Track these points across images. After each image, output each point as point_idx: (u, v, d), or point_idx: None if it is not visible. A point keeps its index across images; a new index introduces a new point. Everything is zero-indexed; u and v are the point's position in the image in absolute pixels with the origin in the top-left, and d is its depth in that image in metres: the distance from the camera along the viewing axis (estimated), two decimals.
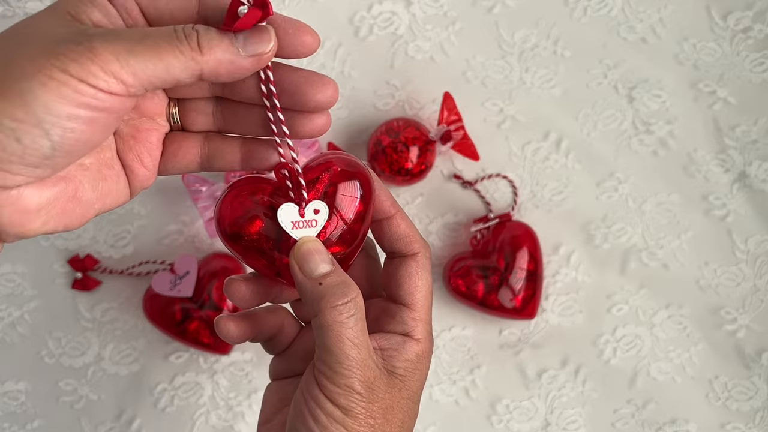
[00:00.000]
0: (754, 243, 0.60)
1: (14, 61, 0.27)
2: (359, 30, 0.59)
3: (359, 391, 0.34)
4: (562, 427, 0.60)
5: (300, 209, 0.34)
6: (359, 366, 0.33)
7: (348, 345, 0.33)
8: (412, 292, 0.37)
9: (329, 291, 0.33)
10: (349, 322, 0.33)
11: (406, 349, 0.36)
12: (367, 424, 0.34)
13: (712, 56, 0.59)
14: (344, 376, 0.33)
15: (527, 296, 0.56)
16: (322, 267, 0.34)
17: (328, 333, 0.33)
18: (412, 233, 0.38)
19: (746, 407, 0.60)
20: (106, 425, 0.59)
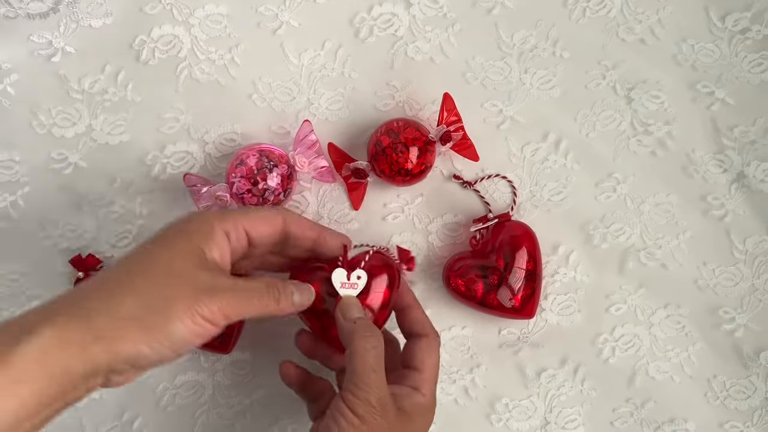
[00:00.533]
0: (752, 243, 0.60)
1: (172, 302, 0.39)
2: (359, 31, 0.59)
3: (374, 405, 0.44)
4: (561, 425, 0.60)
5: (347, 274, 0.49)
6: (376, 385, 0.45)
7: (369, 368, 0.45)
8: (422, 360, 0.49)
9: (360, 328, 0.46)
10: (372, 351, 0.45)
11: (413, 396, 0.48)
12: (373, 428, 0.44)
13: (710, 57, 0.60)
14: (364, 391, 0.44)
15: (526, 296, 0.57)
16: (357, 313, 0.48)
17: (355, 358, 0.45)
18: (426, 320, 0.52)
19: (744, 406, 0.60)
20: (108, 424, 0.60)
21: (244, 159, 0.55)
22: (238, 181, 0.55)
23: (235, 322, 0.42)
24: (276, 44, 0.59)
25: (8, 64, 0.57)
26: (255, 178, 0.55)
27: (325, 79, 0.59)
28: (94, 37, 0.58)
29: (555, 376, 0.60)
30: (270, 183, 0.55)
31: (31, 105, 0.58)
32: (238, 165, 0.55)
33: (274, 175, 0.55)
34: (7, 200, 0.58)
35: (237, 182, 0.55)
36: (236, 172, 0.55)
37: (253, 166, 0.55)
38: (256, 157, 0.55)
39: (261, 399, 0.60)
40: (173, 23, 0.58)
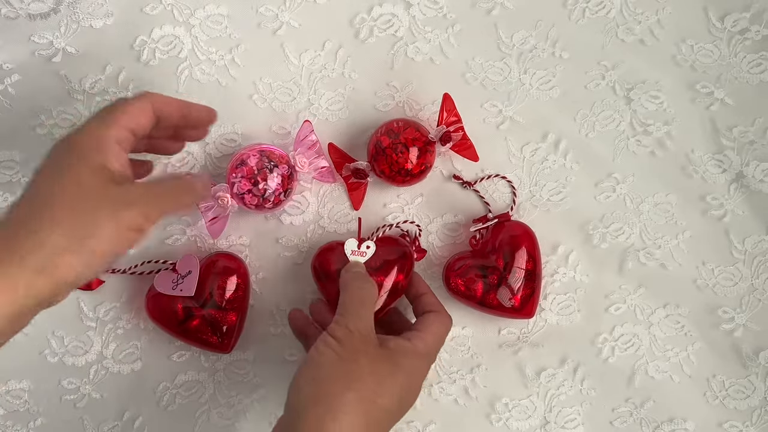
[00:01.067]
0: (751, 243, 0.60)
1: (97, 223, 0.41)
2: (359, 32, 0.59)
3: (352, 331, 0.47)
4: (560, 425, 0.61)
5: (358, 243, 0.56)
6: (359, 316, 0.48)
7: (357, 300, 0.49)
8: (426, 325, 0.52)
9: (357, 275, 0.52)
10: (364, 289, 0.51)
11: (400, 341, 0.49)
12: (350, 355, 0.46)
13: (709, 57, 0.60)
14: (346, 318, 0.48)
15: (526, 295, 0.57)
16: (359, 267, 0.54)
17: (345, 292, 0.50)
18: (439, 303, 0.55)
19: (743, 406, 0.61)
20: (109, 423, 0.60)
21: (245, 159, 0.55)
22: (238, 181, 0.55)
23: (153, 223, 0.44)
24: (276, 45, 0.59)
25: (9, 64, 0.58)
26: (255, 179, 0.55)
27: (325, 80, 0.59)
28: (94, 37, 0.58)
29: (554, 375, 0.60)
30: (270, 183, 0.55)
31: (32, 105, 0.58)
32: (238, 165, 0.55)
33: (274, 176, 0.55)
34: (8, 200, 0.58)
35: (237, 182, 0.55)
36: (237, 173, 0.55)
37: (254, 167, 0.55)
38: (257, 157, 0.55)
39: (261, 398, 0.60)
40: (174, 24, 0.58)
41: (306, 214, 0.60)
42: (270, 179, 0.55)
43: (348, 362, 0.46)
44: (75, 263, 0.40)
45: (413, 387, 0.49)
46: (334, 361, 0.46)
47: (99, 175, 0.42)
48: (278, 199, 0.56)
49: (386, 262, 0.56)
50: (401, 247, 0.57)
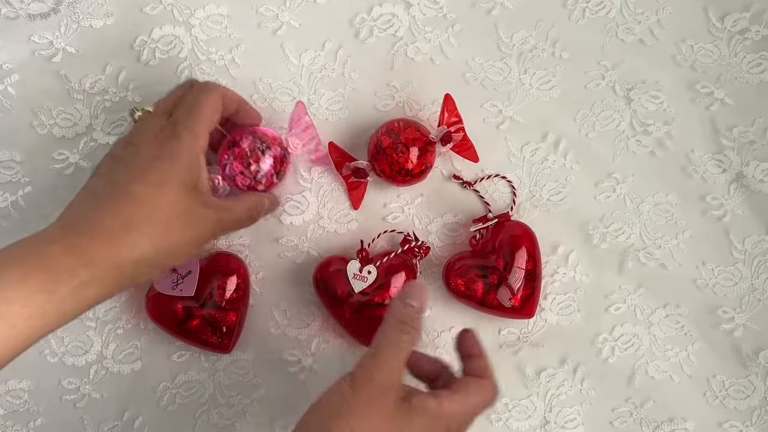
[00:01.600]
0: (751, 243, 0.60)
1: (182, 244, 0.46)
2: (359, 32, 0.59)
3: (375, 379, 0.42)
4: (560, 425, 0.61)
5: (360, 267, 0.56)
6: (389, 366, 0.42)
7: (392, 346, 0.43)
8: (464, 388, 0.45)
9: (405, 314, 0.44)
10: (403, 337, 0.43)
11: (426, 399, 0.43)
12: (360, 413, 0.41)
13: (709, 57, 0.60)
14: (372, 363, 0.42)
15: (526, 295, 0.57)
16: (414, 301, 0.44)
17: (383, 332, 0.43)
18: (489, 368, 0.48)
19: (743, 406, 0.61)
20: (109, 423, 0.60)
21: (237, 140, 0.54)
22: (230, 162, 0.53)
23: None
24: (276, 45, 0.59)
25: (9, 64, 0.58)
26: (248, 160, 0.53)
27: (325, 80, 0.59)
28: (94, 37, 0.58)
29: (554, 375, 0.60)
30: (262, 165, 0.53)
31: (32, 105, 0.58)
32: (230, 146, 0.54)
33: (266, 158, 0.54)
34: (8, 200, 0.58)
35: (229, 164, 0.53)
36: (228, 154, 0.53)
37: (246, 148, 0.53)
38: (249, 139, 0.54)
39: (261, 398, 0.60)
40: (174, 24, 0.58)
41: (306, 213, 0.60)
42: (262, 161, 0.53)
43: (357, 416, 0.41)
44: (152, 274, 0.45)
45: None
46: (342, 412, 0.41)
47: (192, 196, 0.46)
48: (270, 181, 0.54)
49: (389, 281, 0.57)
50: (406, 266, 0.57)
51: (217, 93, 0.49)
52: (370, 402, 0.41)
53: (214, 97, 0.49)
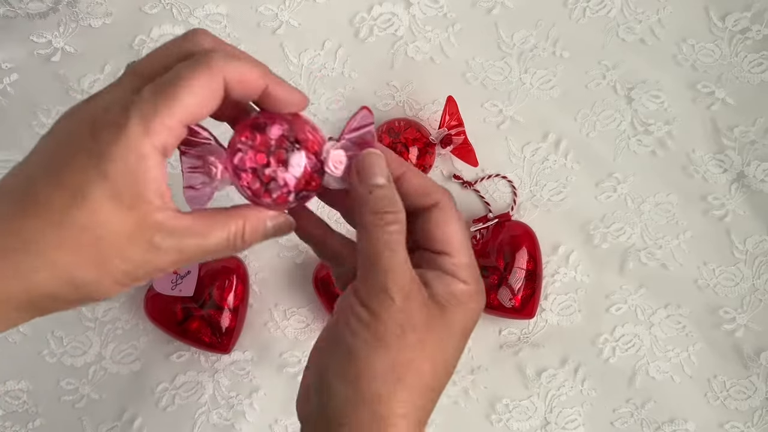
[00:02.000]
0: (752, 243, 0.60)
1: (101, 281, 0.32)
2: (359, 31, 0.59)
3: (392, 296, 0.33)
4: (561, 426, 0.60)
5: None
6: (393, 269, 0.33)
7: (384, 248, 0.33)
8: (446, 239, 0.36)
9: (376, 200, 0.34)
10: (388, 229, 0.34)
11: (448, 282, 0.35)
12: (394, 334, 0.33)
13: (710, 57, 0.60)
14: (377, 279, 0.33)
15: (526, 296, 0.57)
16: (377, 179, 0.35)
17: (366, 237, 0.34)
18: (427, 184, 0.37)
19: (745, 406, 0.60)
20: (108, 424, 0.60)
21: (265, 124, 0.37)
22: (245, 150, 0.36)
23: None
24: (276, 44, 0.59)
25: (8, 63, 0.57)
26: (267, 157, 0.36)
27: (324, 79, 0.59)
28: (93, 36, 0.58)
29: (555, 376, 0.60)
30: (282, 173, 0.36)
31: (30, 105, 0.58)
32: (254, 128, 0.36)
33: (294, 164, 0.36)
34: None
35: (243, 152, 0.36)
36: (248, 138, 0.36)
37: (272, 140, 0.36)
38: (284, 128, 0.36)
39: (261, 399, 0.60)
40: (173, 23, 0.58)
41: None
42: (287, 166, 0.36)
43: (393, 346, 0.33)
44: (63, 308, 0.33)
45: (460, 342, 0.37)
46: (374, 347, 0.33)
47: (131, 215, 0.31)
48: (284, 198, 0.36)
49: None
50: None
51: (216, 73, 0.32)
52: (400, 322, 0.33)
53: (205, 78, 0.32)
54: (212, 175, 0.37)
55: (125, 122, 0.31)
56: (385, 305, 0.33)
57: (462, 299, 0.35)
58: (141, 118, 0.31)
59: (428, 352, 0.34)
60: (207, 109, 0.33)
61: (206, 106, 0.33)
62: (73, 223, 0.31)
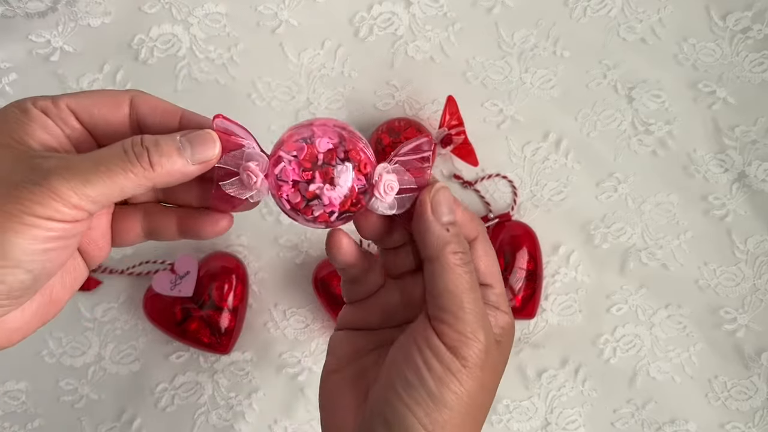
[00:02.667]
0: (753, 243, 0.60)
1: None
2: (359, 30, 0.59)
3: (482, 341, 0.33)
4: (561, 426, 0.60)
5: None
6: (482, 314, 0.33)
7: (470, 290, 0.33)
8: (489, 271, 0.37)
9: (454, 239, 0.34)
10: (467, 269, 0.34)
11: (498, 317, 0.36)
12: (477, 377, 0.33)
13: (711, 56, 0.60)
14: (468, 322, 0.33)
15: (527, 296, 0.57)
16: (451, 215, 0.35)
17: (450, 276, 0.33)
18: (469, 218, 0.38)
19: (745, 407, 0.60)
20: (107, 425, 0.59)
21: (314, 135, 0.34)
22: (288, 161, 0.34)
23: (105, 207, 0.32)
24: (275, 43, 0.59)
25: (7, 63, 0.57)
26: (314, 172, 0.34)
27: (324, 79, 0.59)
28: (92, 36, 0.58)
29: (556, 376, 0.60)
30: (328, 192, 0.34)
31: None
32: (299, 139, 0.34)
33: (342, 183, 0.34)
34: None
35: (287, 162, 0.34)
36: (293, 149, 0.34)
37: (321, 153, 0.34)
38: (334, 141, 0.34)
39: (260, 399, 0.60)
40: (172, 22, 0.58)
41: None
42: (337, 184, 0.34)
43: (477, 395, 0.33)
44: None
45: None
46: (460, 397, 0.33)
47: (5, 150, 0.31)
48: (325, 216, 0.34)
49: None
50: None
51: (120, 90, 0.35)
52: (484, 366, 0.33)
53: (109, 90, 0.35)
54: (250, 183, 0.34)
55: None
56: (475, 352, 0.33)
57: (510, 332, 0.36)
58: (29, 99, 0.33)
59: (494, 390, 0.35)
60: (94, 113, 0.34)
61: (91, 109, 0.34)
62: None
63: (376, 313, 0.39)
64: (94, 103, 0.34)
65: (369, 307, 0.39)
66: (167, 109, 0.35)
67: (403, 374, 0.33)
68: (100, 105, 0.34)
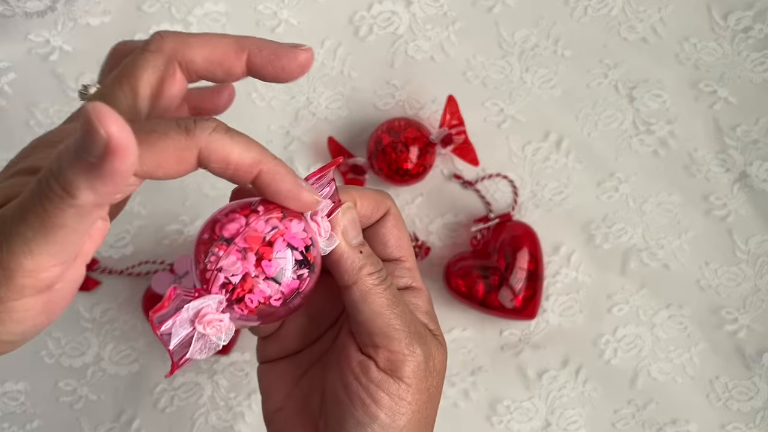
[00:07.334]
0: (754, 243, 0.60)
1: None
2: (359, 29, 0.59)
3: (419, 353, 0.33)
4: (562, 427, 0.60)
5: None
6: (412, 323, 0.33)
7: (394, 305, 0.33)
8: (399, 244, 0.36)
9: (368, 260, 0.33)
10: (385, 285, 0.33)
11: (418, 303, 0.36)
12: (423, 390, 0.33)
13: (712, 56, 0.59)
14: (401, 339, 0.32)
15: (528, 296, 0.56)
16: (360, 237, 0.34)
17: (372, 298, 0.33)
18: (377, 197, 0.36)
19: (747, 407, 0.60)
20: (106, 425, 0.59)
21: (223, 221, 0.30)
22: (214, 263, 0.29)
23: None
24: None
25: (5, 62, 0.57)
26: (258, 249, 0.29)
27: (324, 78, 0.59)
28: (91, 35, 0.58)
29: (556, 377, 0.60)
30: (280, 260, 0.30)
31: (28, 104, 0.57)
32: (209, 236, 0.30)
33: (281, 250, 0.30)
34: None
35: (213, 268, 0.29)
36: (216, 248, 0.29)
37: (261, 232, 0.30)
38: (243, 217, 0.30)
39: (260, 401, 0.60)
40: (171, 21, 0.58)
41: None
42: (277, 251, 0.30)
43: (427, 401, 0.34)
44: None
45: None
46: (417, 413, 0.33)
47: None
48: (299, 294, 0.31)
49: None
50: None
51: (157, 47, 0.31)
52: (427, 377, 0.33)
53: (148, 59, 0.31)
54: (219, 330, 0.30)
55: None
56: (412, 366, 0.33)
57: (431, 310, 0.36)
58: None
59: (441, 387, 0.36)
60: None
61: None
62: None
63: (293, 338, 0.38)
64: None
65: (283, 337, 0.38)
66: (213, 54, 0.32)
67: (352, 414, 0.33)
68: None
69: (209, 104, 0.36)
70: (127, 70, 0.31)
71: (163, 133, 0.27)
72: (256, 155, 0.29)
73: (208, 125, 0.28)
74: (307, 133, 0.59)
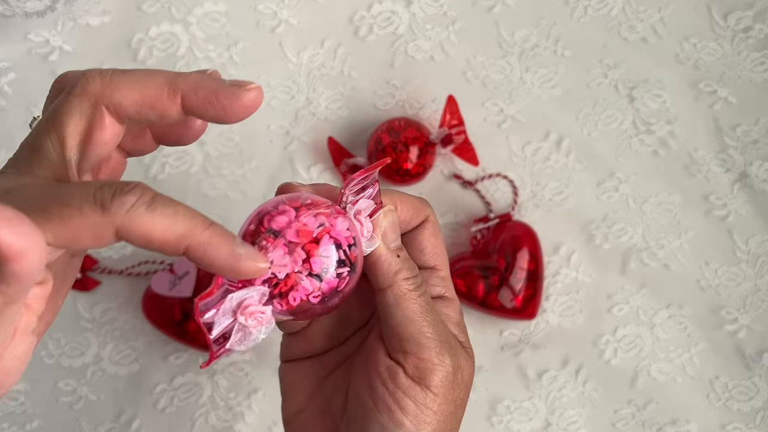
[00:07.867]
0: (755, 243, 0.60)
1: None
2: (359, 29, 0.59)
3: (449, 363, 0.32)
4: (562, 427, 0.60)
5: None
6: (443, 333, 0.33)
7: (427, 312, 0.33)
8: (436, 252, 0.36)
9: (405, 264, 0.33)
10: (420, 292, 0.33)
11: (450, 313, 0.36)
12: (450, 401, 0.33)
13: (712, 56, 0.59)
14: (431, 347, 0.32)
15: (528, 296, 0.56)
16: (399, 241, 0.34)
17: (406, 303, 0.32)
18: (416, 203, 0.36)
19: (747, 408, 0.60)
20: (106, 425, 0.59)
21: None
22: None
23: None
24: (275, 42, 0.59)
25: (5, 62, 0.57)
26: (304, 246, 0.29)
27: (324, 78, 0.59)
28: (91, 35, 0.58)
29: (556, 377, 0.60)
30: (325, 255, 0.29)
31: (28, 104, 0.57)
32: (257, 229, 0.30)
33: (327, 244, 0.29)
34: None
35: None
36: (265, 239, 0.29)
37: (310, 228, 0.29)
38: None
39: (260, 401, 0.60)
40: (171, 21, 0.58)
41: None
42: (323, 247, 0.29)
43: (452, 412, 0.33)
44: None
45: None
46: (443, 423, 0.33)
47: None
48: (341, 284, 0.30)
49: None
50: None
51: (83, 91, 0.29)
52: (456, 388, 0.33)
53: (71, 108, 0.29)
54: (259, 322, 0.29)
55: None
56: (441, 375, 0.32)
57: (460, 313, 0.36)
58: None
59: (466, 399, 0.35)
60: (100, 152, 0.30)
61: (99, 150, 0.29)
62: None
63: (319, 338, 0.37)
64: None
65: (309, 336, 0.37)
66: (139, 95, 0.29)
67: (377, 418, 0.33)
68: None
69: (174, 135, 0.33)
70: (53, 116, 0.29)
71: (77, 209, 0.24)
72: (183, 229, 0.26)
73: (127, 200, 0.25)
74: (307, 133, 0.59)
